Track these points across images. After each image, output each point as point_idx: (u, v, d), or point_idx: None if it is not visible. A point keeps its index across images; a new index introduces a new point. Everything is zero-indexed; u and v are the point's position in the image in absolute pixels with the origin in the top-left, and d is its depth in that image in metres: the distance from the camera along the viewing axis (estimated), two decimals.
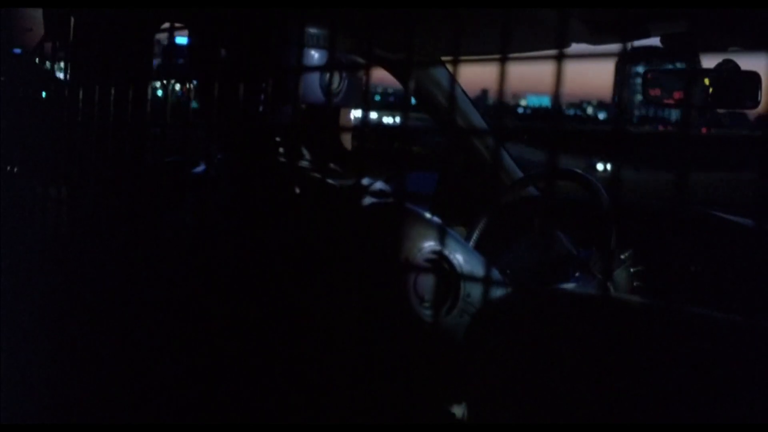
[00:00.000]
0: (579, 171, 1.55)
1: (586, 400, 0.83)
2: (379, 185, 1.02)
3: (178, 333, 1.03)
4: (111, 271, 1.09)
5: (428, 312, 0.93)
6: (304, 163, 1.09)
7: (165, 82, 1.00)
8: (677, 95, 1.48)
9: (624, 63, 0.47)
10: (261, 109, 1.04)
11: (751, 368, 0.78)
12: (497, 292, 0.97)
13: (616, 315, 0.90)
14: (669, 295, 1.44)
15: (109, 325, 1.08)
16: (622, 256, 1.37)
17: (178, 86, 1.03)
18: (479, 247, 1.55)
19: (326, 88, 1.06)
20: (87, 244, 1.12)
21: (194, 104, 1.00)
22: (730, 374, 0.80)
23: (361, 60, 1.14)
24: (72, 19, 1.09)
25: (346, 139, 1.16)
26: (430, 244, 0.93)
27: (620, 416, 0.82)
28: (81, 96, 1.07)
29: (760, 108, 1.35)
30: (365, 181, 1.02)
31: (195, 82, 1.05)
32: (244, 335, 0.99)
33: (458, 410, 0.98)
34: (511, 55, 0.57)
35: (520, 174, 1.94)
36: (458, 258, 0.95)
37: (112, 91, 1.02)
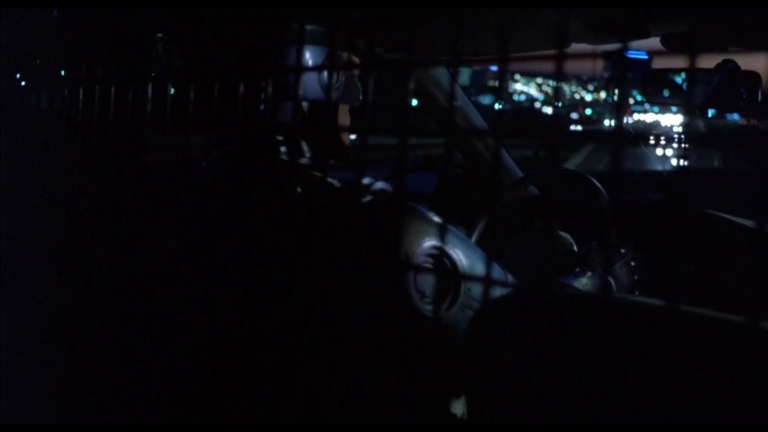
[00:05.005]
0: (578, 171, 1.56)
1: (586, 400, 0.83)
2: (380, 184, 1.02)
3: (179, 332, 1.03)
4: (112, 271, 1.09)
5: (429, 307, 0.93)
6: (305, 161, 1.09)
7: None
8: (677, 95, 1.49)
9: (623, 63, 0.48)
10: (261, 107, 1.04)
11: (751, 368, 0.78)
12: (498, 289, 0.97)
13: (616, 314, 0.90)
14: (669, 294, 1.43)
15: (110, 325, 1.08)
16: (622, 250, 1.38)
17: None
18: (479, 247, 1.55)
19: (325, 86, 1.06)
20: (88, 244, 1.12)
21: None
22: (730, 374, 0.80)
23: (356, 57, 1.15)
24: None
25: (346, 136, 1.17)
26: (430, 240, 0.93)
27: (620, 416, 0.82)
28: (81, 96, 1.07)
29: None
30: (366, 181, 1.02)
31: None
32: (246, 333, 0.99)
33: (458, 409, 0.98)
34: (512, 56, 0.57)
35: (520, 174, 1.94)
36: (459, 254, 0.96)
37: (113, 92, 1.02)
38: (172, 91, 0.95)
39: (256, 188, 1.07)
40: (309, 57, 1.06)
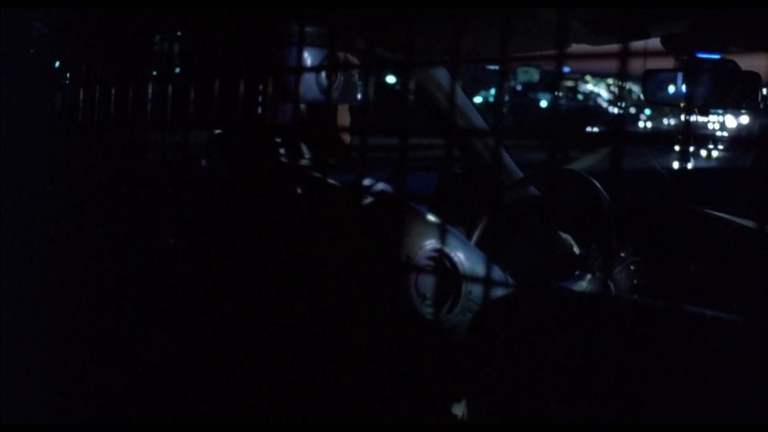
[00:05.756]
0: (579, 171, 1.56)
1: (586, 400, 0.83)
2: (380, 185, 1.02)
3: (180, 332, 1.03)
4: (113, 271, 1.09)
5: (430, 310, 0.93)
6: (305, 162, 1.09)
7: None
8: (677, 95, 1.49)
9: (623, 63, 0.47)
10: (259, 108, 1.04)
11: (751, 368, 0.78)
12: (499, 291, 0.97)
13: (616, 314, 0.90)
14: (669, 294, 1.44)
15: (110, 325, 1.08)
16: (622, 254, 1.38)
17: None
18: (479, 247, 1.55)
19: (324, 86, 1.06)
20: (89, 244, 1.12)
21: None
22: (730, 374, 0.80)
23: (355, 58, 1.15)
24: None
25: (346, 136, 1.17)
26: (431, 242, 0.93)
27: (619, 416, 0.82)
28: (81, 96, 1.07)
29: None
30: (366, 182, 1.02)
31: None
32: (246, 334, 0.99)
33: (458, 410, 0.98)
34: (512, 56, 0.57)
35: (520, 174, 1.94)
36: (460, 256, 0.95)
37: (113, 92, 1.02)
38: (171, 90, 0.95)
39: (255, 189, 1.07)
40: (306, 58, 1.06)
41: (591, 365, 0.84)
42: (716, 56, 1.27)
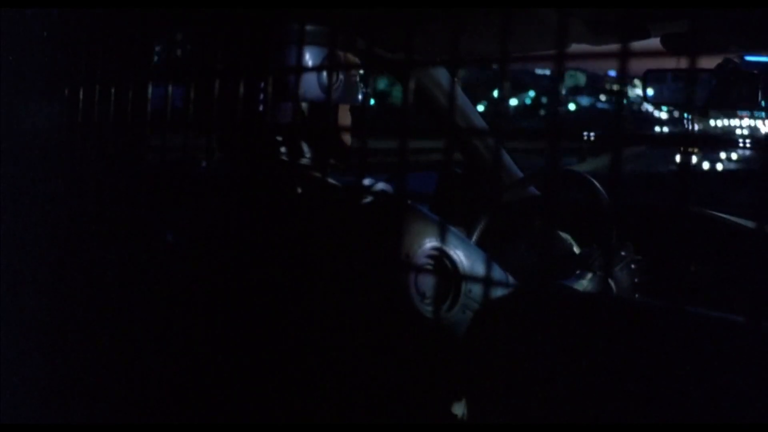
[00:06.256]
0: (579, 171, 1.56)
1: (585, 399, 0.83)
2: (380, 185, 1.02)
3: (179, 332, 1.03)
4: (112, 271, 1.09)
5: (429, 308, 0.93)
6: (305, 161, 1.09)
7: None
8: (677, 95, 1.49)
9: (624, 63, 0.47)
10: (261, 107, 1.04)
11: (751, 368, 0.78)
12: (499, 289, 0.97)
13: (617, 314, 0.90)
14: (669, 294, 1.44)
15: (110, 325, 1.08)
16: (623, 253, 1.38)
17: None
18: (479, 247, 1.55)
19: (324, 86, 1.06)
20: (89, 242, 1.12)
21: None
22: (730, 374, 0.80)
23: (356, 57, 1.15)
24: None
25: (347, 136, 1.17)
26: (431, 241, 0.93)
27: (619, 415, 0.83)
28: (81, 96, 1.07)
29: None
30: (367, 181, 1.02)
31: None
32: (246, 334, 0.99)
33: (458, 409, 0.98)
34: (512, 56, 0.57)
35: (520, 174, 1.94)
36: (459, 254, 0.96)
37: (113, 92, 1.02)
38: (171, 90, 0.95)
39: (256, 188, 1.07)
40: (308, 57, 1.06)
41: (591, 364, 0.84)
42: (766, 59, 1.26)
